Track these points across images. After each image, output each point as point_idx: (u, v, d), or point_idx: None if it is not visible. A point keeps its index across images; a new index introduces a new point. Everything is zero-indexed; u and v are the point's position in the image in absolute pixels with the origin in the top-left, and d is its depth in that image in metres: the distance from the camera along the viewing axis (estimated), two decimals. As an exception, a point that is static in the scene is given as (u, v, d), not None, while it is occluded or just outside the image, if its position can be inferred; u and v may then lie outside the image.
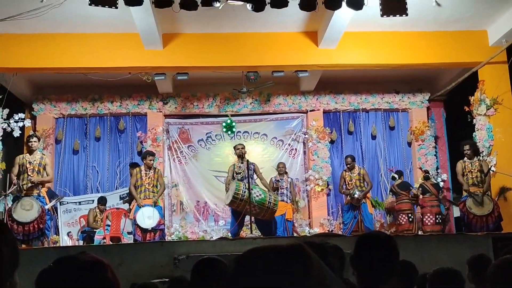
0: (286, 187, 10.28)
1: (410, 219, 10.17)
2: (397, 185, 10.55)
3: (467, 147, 9.34)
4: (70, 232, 11.33)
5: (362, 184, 10.13)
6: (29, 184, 8.23)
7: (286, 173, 10.62)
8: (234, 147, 9.64)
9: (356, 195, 9.94)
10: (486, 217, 8.77)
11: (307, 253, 1.08)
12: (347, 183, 10.22)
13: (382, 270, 2.27)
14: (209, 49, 10.18)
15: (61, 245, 10.61)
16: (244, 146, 9.64)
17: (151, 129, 12.28)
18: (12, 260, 1.34)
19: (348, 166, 10.27)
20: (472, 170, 9.17)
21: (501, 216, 8.93)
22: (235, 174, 9.27)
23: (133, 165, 10.16)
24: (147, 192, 9.01)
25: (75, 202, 11.58)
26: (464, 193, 9.22)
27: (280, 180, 10.26)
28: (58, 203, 11.00)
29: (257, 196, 8.65)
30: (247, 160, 9.31)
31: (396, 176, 10.74)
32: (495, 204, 9.00)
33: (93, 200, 11.33)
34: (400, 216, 10.29)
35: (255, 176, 9.44)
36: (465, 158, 9.33)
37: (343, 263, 2.62)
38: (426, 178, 10.81)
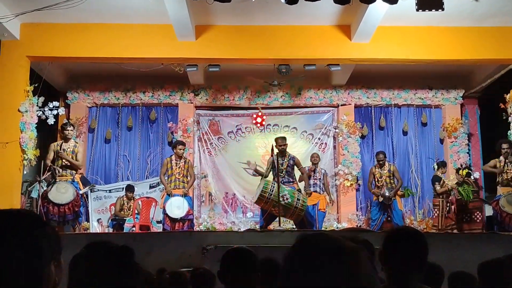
0: (320, 178, 10.17)
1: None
2: (474, 182, 10.26)
3: (506, 145, 9.07)
4: (100, 219, 11.51)
5: (392, 181, 10.03)
6: (62, 163, 8.49)
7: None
8: (276, 140, 9.19)
9: (387, 194, 9.84)
10: None
11: (359, 261, 1.10)
12: (376, 179, 10.13)
13: (411, 266, 2.24)
14: (241, 42, 10.18)
15: (91, 231, 10.80)
16: (285, 140, 9.18)
17: (182, 120, 12.37)
18: (51, 251, 1.40)
19: (380, 162, 10.15)
20: (507, 171, 8.95)
21: None
22: (273, 169, 8.98)
23: None
24: (177, 182, 9.08)
25: (106, 190, 11.77)
26: (499, 192, 9.02)
27: (314, 171, 10.18)
28: (89, 191, 11.20)
29: (284, 200, 8.45)
30: (288, 155, 9.16)
31: (470, 171, 10.51)
32: None
33: (122, 188, 11.50)
34: (475, 214, 10.03)
35: (293, 172, 9.22)
36: (501, 157, 9.09)
37: (373, 258, 2.60)
38: (468, 175, 10.58)
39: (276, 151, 8.90)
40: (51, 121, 10.10)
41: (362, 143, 12.62)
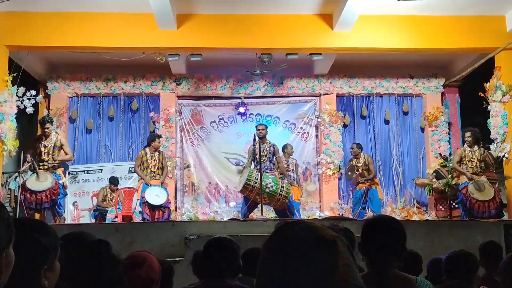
0: (293, 169, 10.27)
1: None
2: (447, 171, 10.24)
3: (468, 134, 9.15)
4: (76, 202, 11.41)
5: (367, 173, 10.06)
6: (50, 164, 8.40)
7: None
8: (256, 127, 9.38)
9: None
10: (488, 203, 8.71)
11: (338, 251, 1.09)
12: (356, 171, 10.13)
13: (389, 253, 2.27)
14: (223, 31, 10.13)
15: (66, 214, 10.72)
16: (265, 127, 9.39)
17: (164, 109, 12.30)
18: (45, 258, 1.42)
19: (351, 152, 10.19)
20: (472, 159, 9.03)
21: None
22: (256, 156, 9.10)
23: None
24: (153, 174, 9.15)
25: (84, 171, 11.68)
26: (464, 180, 9.10)
27: (287, 162, 10.23)
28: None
29: (268, 187, 8.53)
30: (269, 141, 9.28)
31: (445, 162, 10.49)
32: (496, 190, 8.92)
33: (101, 170, 11.39)
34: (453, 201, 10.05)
35: (273, 159, 9.34)
36: (465, 146, 9.20)
37: (354, 246, 2.62)
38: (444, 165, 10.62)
39: (257, 138, 8.97)
40: (29, 110, 9.99)
41: (344, 132, 12.66)
